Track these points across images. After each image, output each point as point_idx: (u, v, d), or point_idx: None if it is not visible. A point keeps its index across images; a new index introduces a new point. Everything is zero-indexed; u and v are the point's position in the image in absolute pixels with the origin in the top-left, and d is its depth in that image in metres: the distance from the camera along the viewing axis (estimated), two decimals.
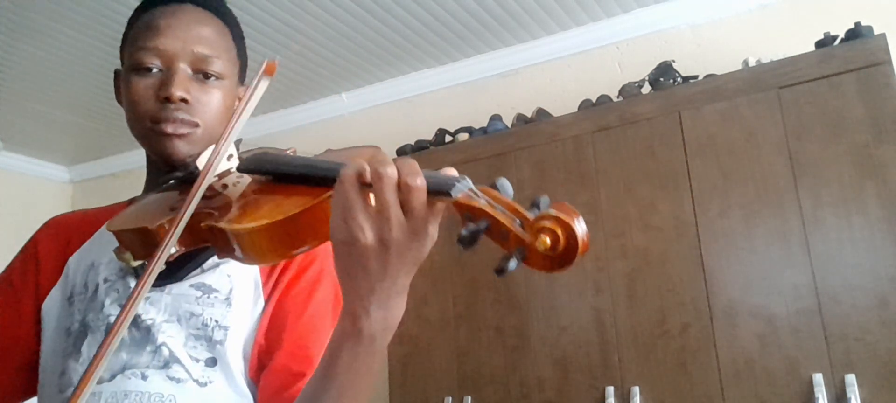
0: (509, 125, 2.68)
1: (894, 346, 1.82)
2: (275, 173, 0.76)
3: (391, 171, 0.58)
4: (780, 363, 1.94)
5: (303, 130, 3.42)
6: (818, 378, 1.87)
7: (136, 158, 3.87)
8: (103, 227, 0.97)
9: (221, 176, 0.80)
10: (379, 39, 2.88)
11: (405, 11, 2.68)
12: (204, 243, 0.74)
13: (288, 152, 0.83)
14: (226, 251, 0.71)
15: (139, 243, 0.79)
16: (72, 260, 0.97)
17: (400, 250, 0.60)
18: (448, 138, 2.82)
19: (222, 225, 0.68)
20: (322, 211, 0.65)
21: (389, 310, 0.65)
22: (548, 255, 0.55)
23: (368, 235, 0.59)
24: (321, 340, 0.89)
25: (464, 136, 2.75)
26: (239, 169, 0.81)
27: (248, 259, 0.70)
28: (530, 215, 0.57)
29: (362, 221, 0.59)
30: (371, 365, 0.69)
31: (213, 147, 0.82)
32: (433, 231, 0.61)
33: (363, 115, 3.37)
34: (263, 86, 0.79)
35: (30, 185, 4.06)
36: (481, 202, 0.58)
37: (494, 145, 2.56)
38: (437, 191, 0.59)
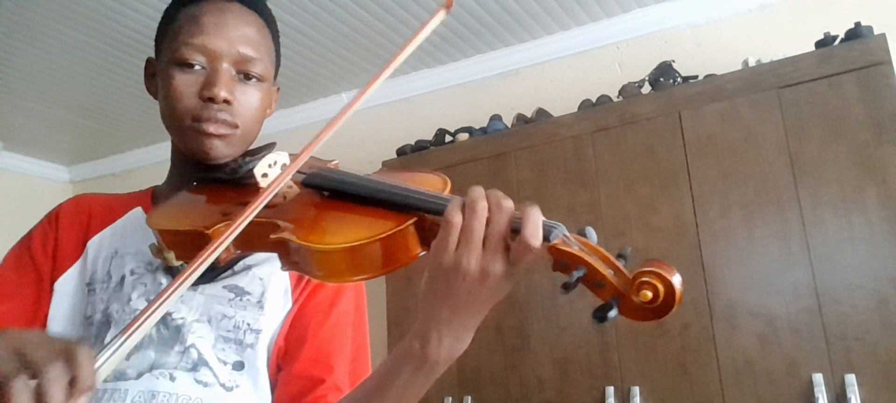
0: (509, 125, 2.68)
1: (894, 346, 1.82)
2: (346, 193, 0.75)
3: (508, 205, 0.63)
4: (780, 363, 1.94)
5: (303, 130, 3.41)
6: (818, 378, 1.87)
7: (137, 158, 3.90)
8: (129, 215, 0.97)
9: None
10: (379, 39, 2.88)
11: (405, 11, 2.68)
12: (264, 251, 0.73)
13: (331, 165, 0.84)
14: (290, 263, 0.71)
15: (187, 244, 0.78)
16: (92, 243, 0.95)
17: (494, 284, 0.64)
18: (448, 138, 2.82)
19: (301, 241, 0.68)
20: (404, 238, 0.67)
21: (459, 342, 0.68)
22: (646, 307, 0.59)
23: (473, 264, 0.63)
24: (342, 349, 0.91)
25: (464, 136, 2.75)
26: (307, 183, 0.80)
27: (315, 274, 0.71)
28: (620, 264, 0.61)
29: (473, 249, 0.63)
30: (422, 391, 0.72)
31: (275, 154, 0.82)
32: None
33: (363, 115, 3.34)
34: (438, 18, 0.79)
35: (30, 185, 4.06)
36: (575, 248, 0.62)
37: (494, 145, 2.56)
38: None
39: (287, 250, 0.70)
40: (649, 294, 0.59)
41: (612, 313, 0.60)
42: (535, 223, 0.62)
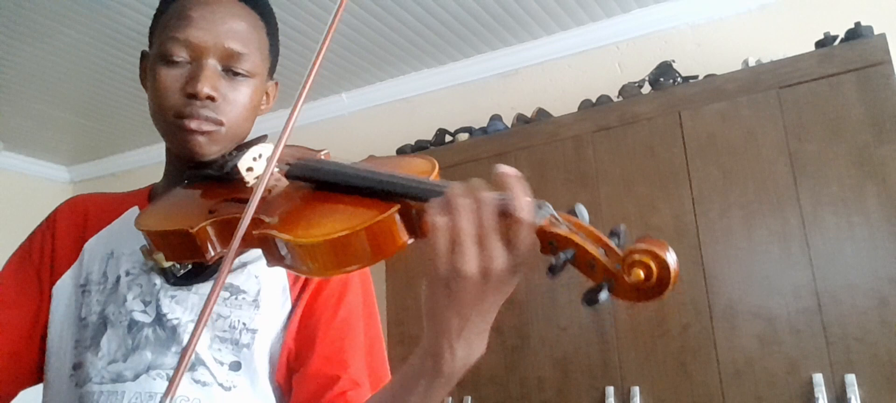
0: (509, 125, 2.68)
1: (894, 346, 1.82)
2: (329, 183, 0.73)
3: (490, 195, 0.58)
4: (780, 363, 1.94)
5: (303, 130, 3.40)
6: (818, 378, 1.87)
7: (137, 158, 3.91)
8: (125, 216, 0.95)
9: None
10: (379, 39, 2.88)
11: (405, 11, 2.68)
12: (250, 248, 0.71)
13: (321, 155, 0.81)
14: (276, 258, 0.68)
15: (175, 245, 0.76)
16: (89, 245, 0.94)
17: (498, 283, 0.59)
18: (448, 138, 2.82)
19: (282, 235, 0.65)
20: (387, 227, 0.63)
21: (473, 349, 0.64)
22: (639, 287, 0.55)
23: (473, 266, 0.57)
24: (354, 343, 0.89)
25: (464, 136, 2.75)
26: (290, 175, 0.77)
27: (301, 269, 0.68)
28: (613, 243, 0.57)
29: (469, 252, 0.57)
30: (441, 397, 0.68)
31: (261, 146, 0.79)
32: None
33: (363, 115, 3.36)
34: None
35: (30, 185, 4.06)
36: (564, 229, 0.58)
37: (494, 145, 2.56)
38: None
39: (271, 245, 0.68)
40: (641, 273, 0.54)
41: (603, 295, 0.56)
42: (521, 197, 0.58)
